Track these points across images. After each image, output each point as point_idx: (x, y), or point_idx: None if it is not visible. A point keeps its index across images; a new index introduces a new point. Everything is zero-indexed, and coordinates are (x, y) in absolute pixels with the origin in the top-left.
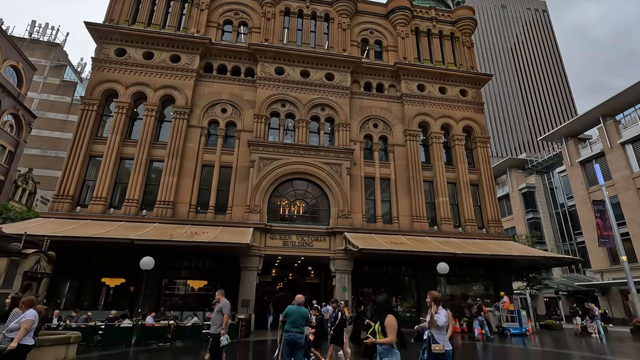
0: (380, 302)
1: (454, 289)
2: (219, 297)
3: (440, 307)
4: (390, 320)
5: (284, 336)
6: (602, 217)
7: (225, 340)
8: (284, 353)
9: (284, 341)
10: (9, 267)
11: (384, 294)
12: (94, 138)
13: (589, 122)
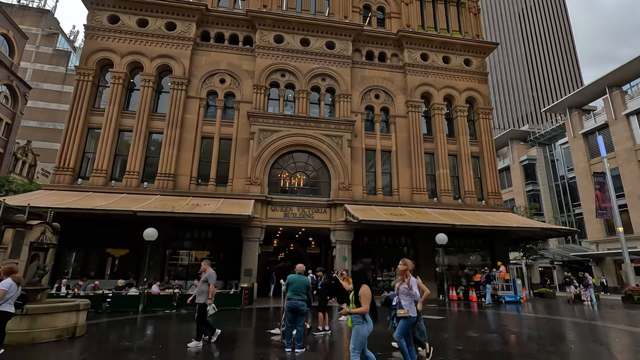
0: (356, 272)
1: (452, 259)
2: (204, 267)
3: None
4: (365, 290)
5: (287, 303)
6: (602, 189)
7: (212, 309)
8: (286, 319)
9: (287, 308)
10: (15, 238)
11: (360, 264)
12: (91, 109)
13: (595, 93)
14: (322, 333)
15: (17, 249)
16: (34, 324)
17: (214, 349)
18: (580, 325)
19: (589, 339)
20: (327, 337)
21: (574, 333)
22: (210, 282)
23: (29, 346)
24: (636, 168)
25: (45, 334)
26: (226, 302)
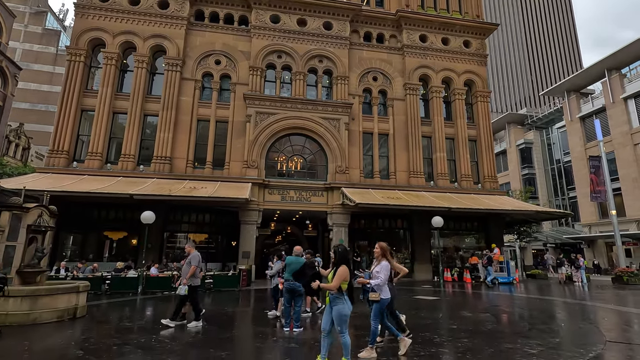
0: (338, 252)
1: (447, 242)
2: (188, 249)
3: (384, 259)
4: (342, 269)
5: (285, 284)
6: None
7: (183, 291)
8: (284, 300)
9: (284, 289)
10: (12, 220)
11: (343, 245)
12: (84, 91)
13: (594, 76)
14: (306, 315)
15: (15, 231)
16: (35, 305)
17: (214, 328)
18: (571, 305)
19: (578, 318)
20: (308, 320)
21: (565, 312)
22: (193, 263)
23: (30, 326)
24: (631, 152)
25: (47, 314)
26: (225, 284)
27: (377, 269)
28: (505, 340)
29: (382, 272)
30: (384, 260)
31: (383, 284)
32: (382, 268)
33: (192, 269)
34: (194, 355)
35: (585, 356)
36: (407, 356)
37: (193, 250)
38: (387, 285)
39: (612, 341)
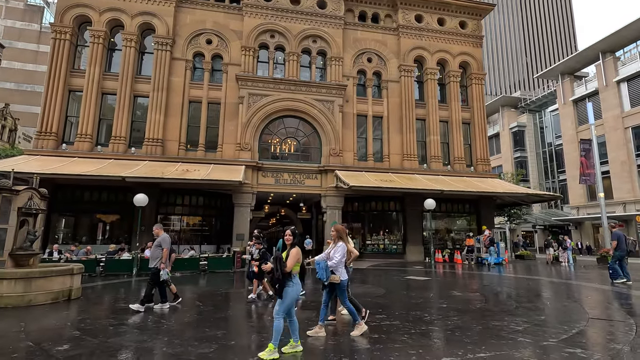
0: (296, 234)
1: (439, 224)
2: (157, 231)
3: (340, 241)
4: (294, 250)
5: None
6: (587, 156)
7: (166, 274)
8: None
9: None
10: (2, 203)
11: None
12: (71, 71)
13: (589, 59)
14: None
15: (5, 214)
16: (29, 287)
17: (209, 309)
18: (557, 284)
19: (563, 296)
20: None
21: (550, 291)
22: (164, 245)
23: (25, 308)
24: (622, 135)
25: (41, 296)
26: (219, 266)
27: (333, 250)
28: (493, 318)
29: (339, 253)
30: (340, 242)
31: (339, 264)
32: (339, 249)
33: (165, 252)
34: (189, 335)
35: (569, 332)
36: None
37: (162, 232)
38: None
39: (595, 318)
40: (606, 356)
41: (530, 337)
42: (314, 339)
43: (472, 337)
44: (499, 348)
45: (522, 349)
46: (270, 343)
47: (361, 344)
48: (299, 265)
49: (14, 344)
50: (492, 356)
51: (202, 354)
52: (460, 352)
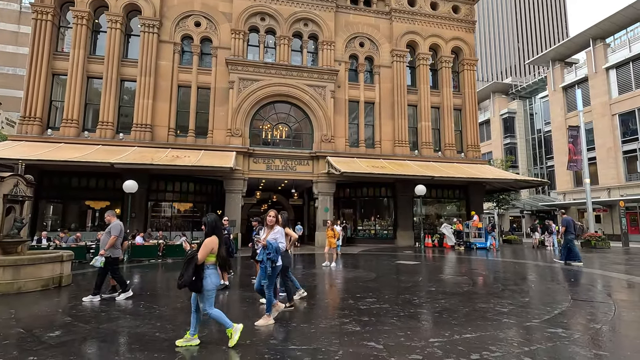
0: (207, 223)
1: (429, 209)
2: (109, 218)
3: (278, 226)
4: (207, 241)
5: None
6: (575, 143)
7: (99, 262)
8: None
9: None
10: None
11: (213, 213)
12: (54, 53)
13: (579, 46)
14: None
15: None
16: (18, 275)
17: None
18: (542, 268)
19: (547, 279)
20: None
21: (535, 274)
22: (114, 233)
23: (15, 295)
24: (609, 122)
25: (31, 283)
26: None
27: (274, 235)
28: (479, 300)
29: (282, 236)
30: (277, 226)
31: (285, 248)
32: (280, 233)
33: (111, 240)
34: (182, 320)
35: (552, 313)
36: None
37: (114, 219)
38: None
39: (577, 299)
40: (586, 335)
41: (514, 318)
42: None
43: (458, 319)
44: (484, 329)
45: (506, 330)
46: (227, 329)
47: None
48: (213, 255)
49: (5, 330)
50: (477, 336)
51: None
52: (447, 333)
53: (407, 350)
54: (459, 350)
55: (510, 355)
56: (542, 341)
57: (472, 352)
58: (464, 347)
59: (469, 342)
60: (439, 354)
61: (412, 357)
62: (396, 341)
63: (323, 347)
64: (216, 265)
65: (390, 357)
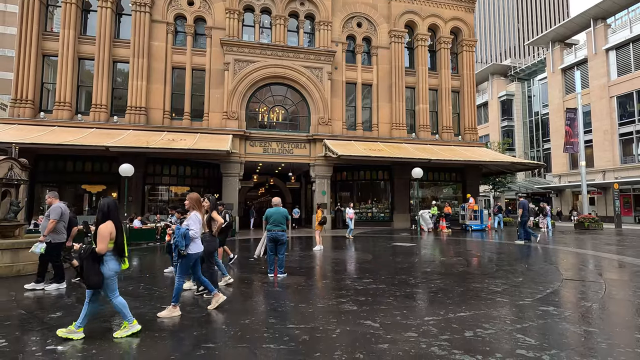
0: (99, 208)
1: (426, 192)
2: (50, 200)
3: (194, 211)
4: (102, 228)
5: (267, 234)
6: (572, 125)
7: (39, 249)
8: (268, 248)
9: (268, 238)
10: None
11: (109, 197)
12: (43, 33)
13: (580, 26)
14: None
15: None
16: (17, 258)
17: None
18: (535, 249)
19: (541, 260)
20: None
21: (529, 255)
22: (52, 216)
23: (14, 278)
24: (607, 104)
25: (30, 266)
26: None
27: (187, 221)
28: (474, 280)
29: (193, 223)
30: (193, 211)
31: (197, 235)
32: (192, 219)
33: (50, 224)
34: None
35: (544, 292)
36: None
37: (55, 201)
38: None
39: (569, 279)
40: (577, 313)
41: (507, 297)
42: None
43: (453, 299)
44: (478, 308)
45: (499, 308)
46: (125, 321)
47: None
48: (111, 242)
49: (6, 312)
50: (471, 315)
51: (194, 318)
52: (442, 312)
53: (403, 328)
54: (453, 328)
55: (502, 332)
56: (534, 319)
57: (466, 329)
58: (459, 325)
59: (464, 320)
60: (433, 332)
61: (407, 335)
62: (392, 320)
63: (321, 325)
64: (114, 251)
65: (387, 335)
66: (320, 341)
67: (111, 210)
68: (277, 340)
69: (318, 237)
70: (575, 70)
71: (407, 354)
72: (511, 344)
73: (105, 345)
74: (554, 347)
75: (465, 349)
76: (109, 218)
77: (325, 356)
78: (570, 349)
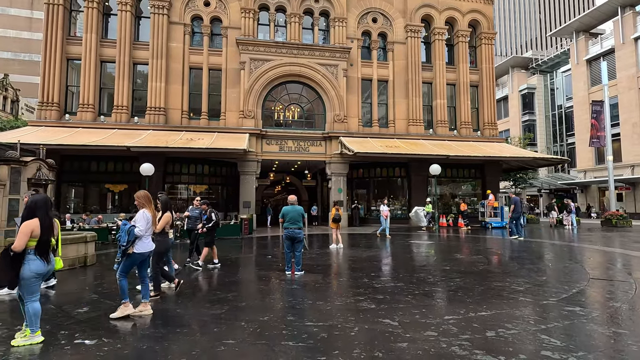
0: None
1: (444, 189)
2: (27, 199)
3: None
4: (23, 225)
5: (284, 232)
6: (598, 118)
7: None
8: (285, 246)
9: (285, 236)
10: (12, 174)
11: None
12: (67, 38)
13: (606, 15)
14: (214, 266)
15: (16, 184)
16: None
17: (220, 272)
18: (559, 247)
19: (565, 258)
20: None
21: (553, 253)
22: None
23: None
24: (635, 96)
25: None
26: (227, 232)
27: (134, 218)
28: (494, 279)
29: (139, 221)
30: (142, 209)
31: (142, 233)
32: (138, 216)
33: None
34: (201, 297)
35: (569, 292)
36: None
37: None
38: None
39: (595, 278)
40: (604, 314)
41: (530, 297)
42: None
43: (473, 297)
44: (500, 307)
45: (522, 308)
46: (28, 328)
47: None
48: (34, 240)
49: None
50: (492, 314)
51: (215, 315)
52: (462, 311)
53: (422, 327)
54: (474, 327)
55: (526, 332)
56: (559, 319)
57: (487, 329)
58: (479, 324)
59: (485, 319)
60: (454, 331)
61: (427, 334)
62: (411, 318)
63: (339, 323)
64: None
65: (406, 333)
66: (339, 339)
67: (38, 208)
68: (295, 338)
69: (335, 235)
70: (601, 61)
71: (426, 353)
72: (535, 344)
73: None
74: (580, 348)
75: (487, 349)
76: (35, 215)
77: (344, 354)
78: (598, 351)
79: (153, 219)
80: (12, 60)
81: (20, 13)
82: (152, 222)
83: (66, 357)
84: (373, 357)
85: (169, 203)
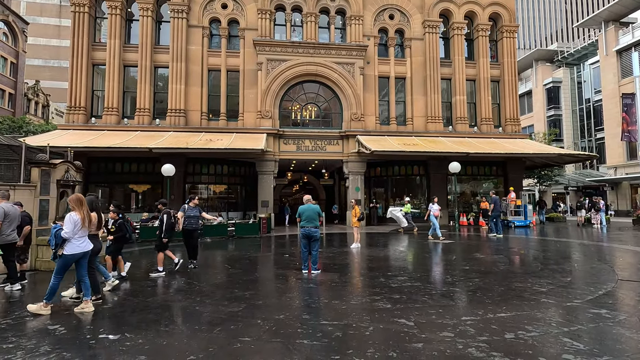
0: None
1: (464, 187)
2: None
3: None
4: None
5: (301, 231)
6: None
7: None
8: (301, 244)
9: (301, 235)
10: (42, 176)
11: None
12: (93, 44)
13: (638, 2)
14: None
15: (46, 186)
16: None
17: (238, 271)
18: (586, 246)
19: (593, 258)
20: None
21: (579, 253)
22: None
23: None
24: None
25: None
26: (246, 231)
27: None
28: (516, 279)
29: (66, 224)
30: (70, 212)
31: (68, 236)
32: (65, 220)
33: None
34: (220, 295)
35: (595, 293)
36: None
37: (2, 201)
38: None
39: (625, 280)
40: (633, 317)
41: (553, 298)
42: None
43: (493, 298)
44: (520, 308)
45: (544, 309)
46: None
47: None
48: None
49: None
50: (512, 316)
51: (232, 312)
52: (480, 311)
53: (439, 328)
54: (492, 329)
55: (547, 335)
56: (583, 322)
57: (506, 331)
58: (498, 326)
59: (504, 321)
60: (471, 332)
61: (443, 335)
62: (427, 319)
63: (354, 322)
64: None
65: (422, 333)
66: (354, 338)
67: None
68: (310, 336)
69: (356, 234)
70: (632, 51)
71: (442, 354)
72: (557, 348)
73: None
74: (606, 353)
75: (506, 352)
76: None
77: (358, 353)
78: (625, 356)
79: (82, 221)
80: (42, 67)
81: (49, 21)
82: (82, 224)
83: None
84: (387, 357)
85: (94, 202)
